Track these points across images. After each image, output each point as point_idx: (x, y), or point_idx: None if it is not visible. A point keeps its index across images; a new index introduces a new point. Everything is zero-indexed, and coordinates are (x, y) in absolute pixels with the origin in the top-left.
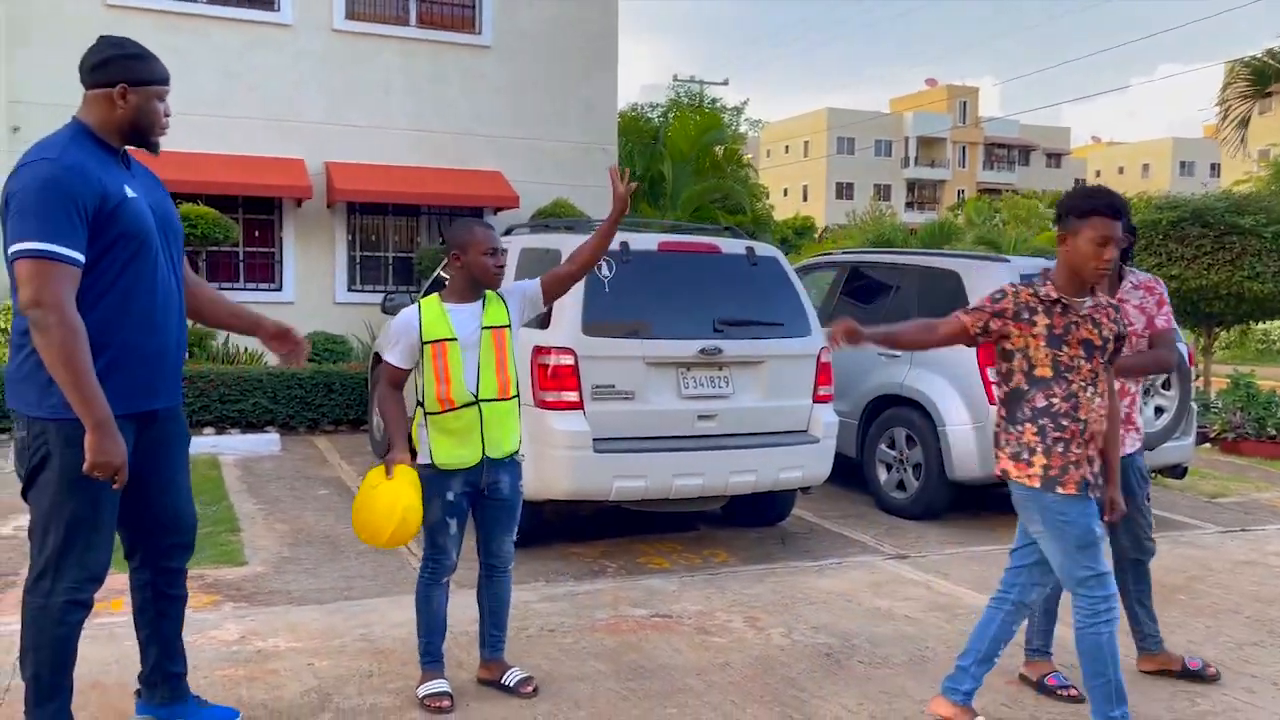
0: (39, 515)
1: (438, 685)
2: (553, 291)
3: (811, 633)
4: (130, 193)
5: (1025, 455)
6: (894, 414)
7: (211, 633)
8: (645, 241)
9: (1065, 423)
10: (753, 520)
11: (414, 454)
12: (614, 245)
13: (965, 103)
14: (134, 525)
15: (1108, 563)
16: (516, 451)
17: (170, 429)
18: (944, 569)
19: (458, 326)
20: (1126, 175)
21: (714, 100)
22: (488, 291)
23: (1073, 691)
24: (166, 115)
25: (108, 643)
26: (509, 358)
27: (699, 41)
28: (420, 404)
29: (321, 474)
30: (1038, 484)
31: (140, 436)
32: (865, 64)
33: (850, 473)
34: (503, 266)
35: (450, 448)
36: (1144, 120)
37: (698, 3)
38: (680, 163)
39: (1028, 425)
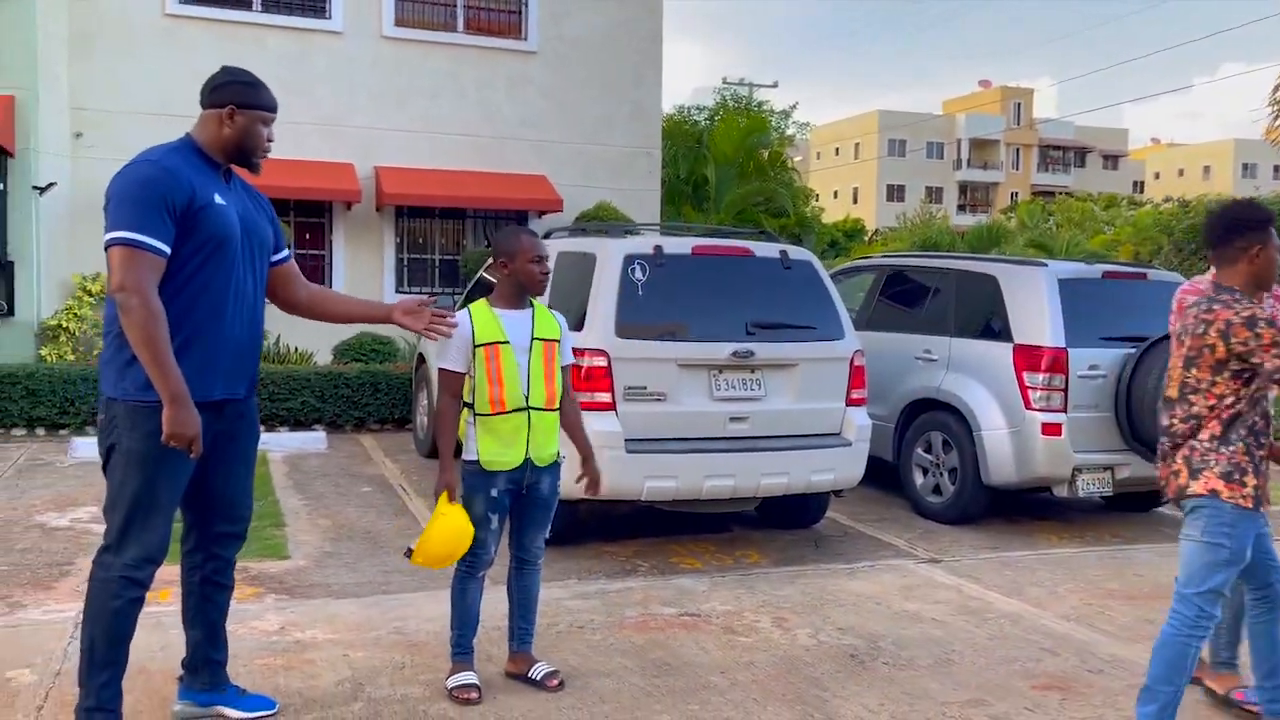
0: (110, 492)
1: (466, 677)
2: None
3: (838, 634)
4: (219, 200)
5: (1238, 475)
6: (930, 418)
7: (253, 623)
8: (679, 245)
9: (1262, 440)
10: (786, 522)
11: (458, 451)
12: (647, 249)
13: (1019, 104)
14: (193, 507)
15: None
16: (557, 455)
17: (237, 423)
18: (976, 573)
19: (510, 331)
20: (1186, 177)
21: (761, 103)
22: (535, 302)
23: (1255, 709)
24: (269, 140)
25: (154, 630)
26: (557, 371)
27: (752, 44)
28: (469, 405)
29: (366, 472)
30: (1250, 504)
31: (208, 424)
32: (918, 66)
33: (887, 476)
34: (548, 273)
35: (496, 449)
36: (1206, 121)
37: (751, 5)
38: (724, 166)
39: (1239, 445)
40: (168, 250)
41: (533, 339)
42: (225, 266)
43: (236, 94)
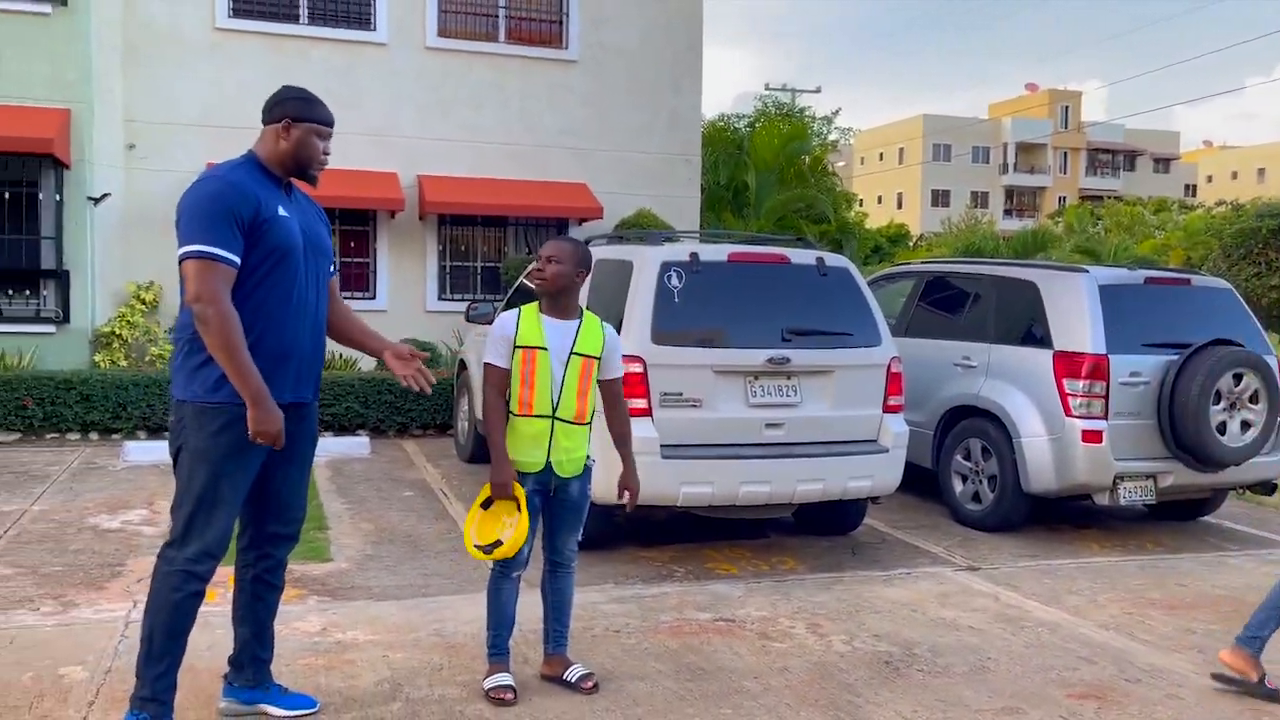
0: (177, 490)
1: (502, 678)
2: (605, 401)
3: (873, 641)
4: (283, 213)
5: None
6: (970, 425)
7: (296, 624)
8: (715, 252)
9: None
10: (824, 529)
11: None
12: (684, 256)
13: (1067, 107)
14: (250, 506)
15: None
16: (585, 461)
17: (299, 426)
18: (1015, 581)
19: (550, 339)
20: (1240, 180)
21: (804, 109)
22: (588, 315)
23: None
24: (325, 153)
25: (203, 630)
26: (592, 387)
27: (796, 49)
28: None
29: (408, 476)
30: None
31: None
32: (963, 70)
33: (926, 484)
34: (541, 273)
35: (522, 449)
36: (1261, 123)
37: (795, 11)
38: (764, 172)
39: None
40: (238, 261)
41: (571, 352)
42: (289, 276)
43: (292, 108)
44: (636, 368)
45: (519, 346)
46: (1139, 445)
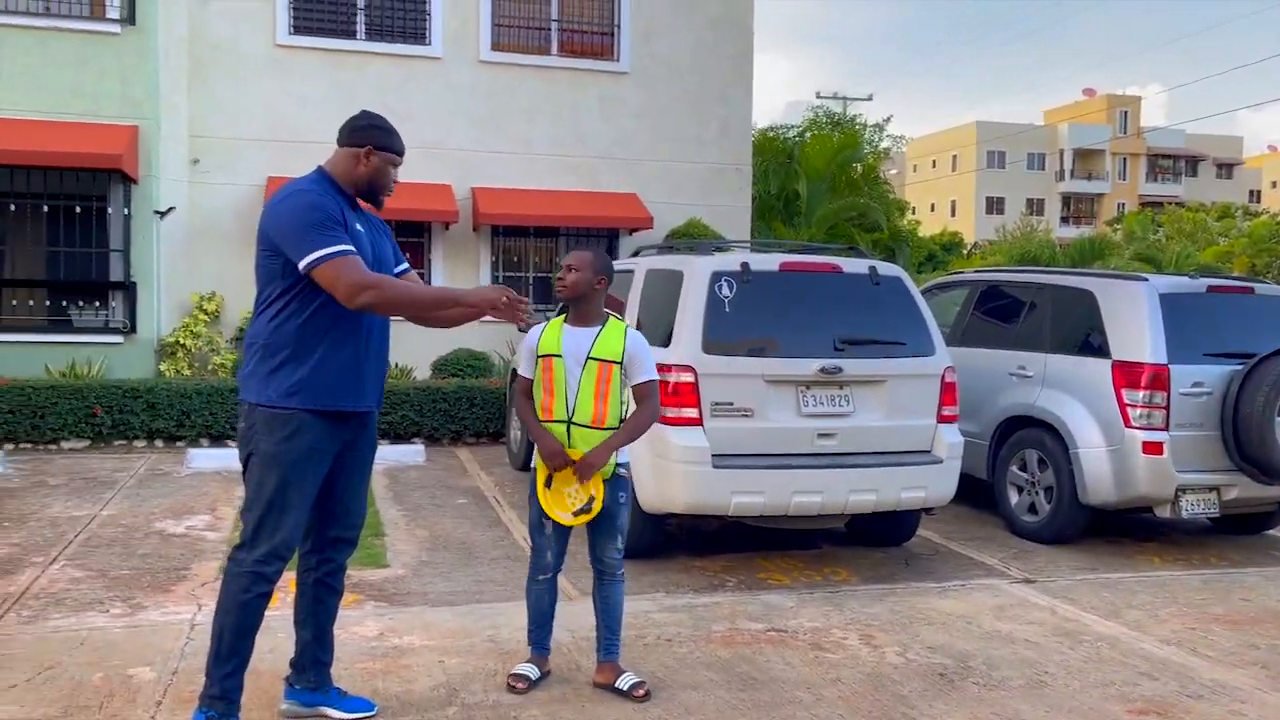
0: (247, 493)
1: (523, 668)
2: (635, 399)
3: (927, 652)
4: (357, 226)
5: None
6: (1026, 435)
7: (354, 628)
8: (766, 262)
9: None
10: (877, 540)
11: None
12: (734, 266)
13: (1126, 112)
14: (313, 509)
15: None
16: (613, 467)
17: (361, 433)
18: (1072, 594)
19: (567, 346)
20: None
21: (855, 117)
22: (613, 320)
23: None
24: (394, 181)
25: (264, 634)
26: (612, 391)
27: (847, 57)
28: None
29: (461, 484)
30: None
31: (337, 432)
32: (1017, 77)
33: (981, 495)
34: (562, 280)
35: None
36: None
37: (845, 18)
38: (816, 181)
39: None
40: (354, 249)
41: (588, 357)
42: None
43: (375, 137)
44: (688, 377)
45: (540, 355)
46: (1201, 457)
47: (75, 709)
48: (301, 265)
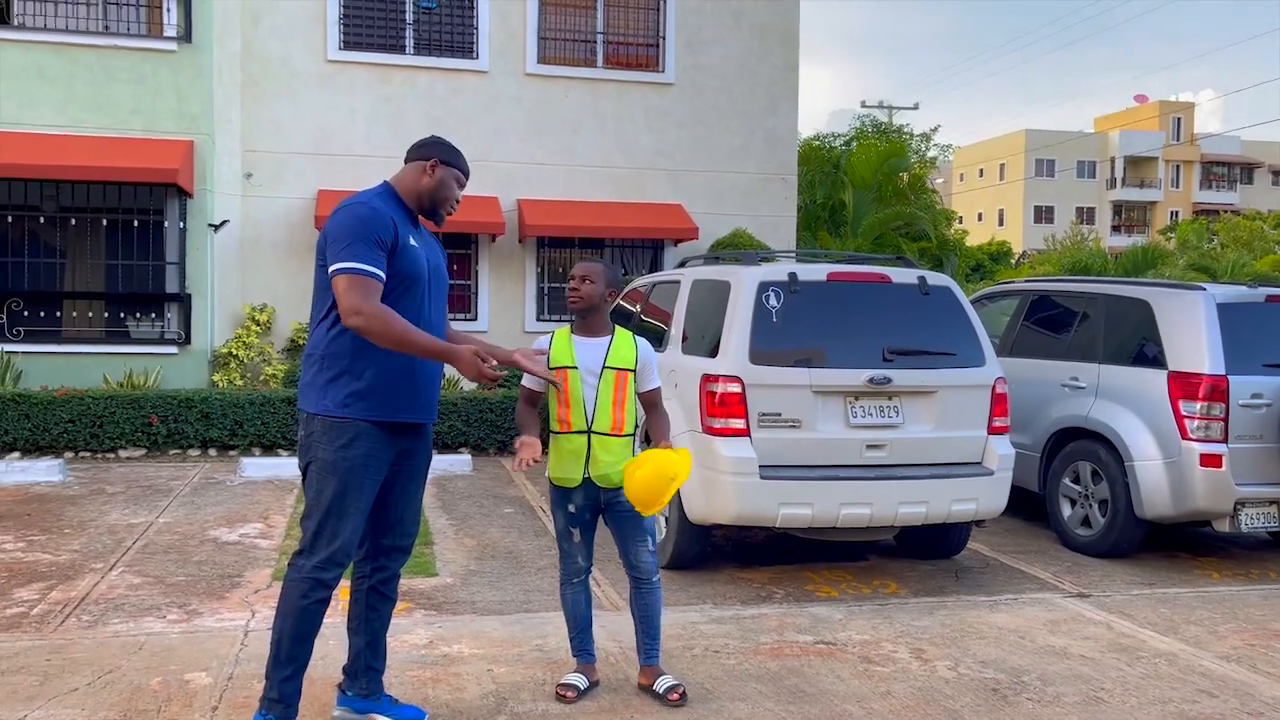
0: (307, 500)
1: (571, 677)
2: (645, 409)
3: (979, 667)
4: (413, 242)
5: None
6: (1079, 447)
7: (404, 637)
8: (814, 272)
9: None
10: (926, 552)
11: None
12: (782, 276)
13: (1179, 119)
14: (370, 516)
15: None
16: None
17: (417, 443)
18: (1129, 610)
19: (581, 358)
20: None
21: (902, 127)
22: (620, 331)
23: None
24: (457, 200)
25: (317, 641)
26: (629, 399)
27: (892, 65)
28: (547, 423)
29: (508, 494)
30: None
31: (394, 443)
32: (1065, 84)
33: (1032, 507)
34: (576, 292)
35: (562, 466)
36: None
37: (893, 27)
38: (862, 190)
39: None
40: (384, 276)
41: (604, 367)
42: (415, 301)
43: (442, 152)
44: (735, 388)
45: (552, 368)
46: (1261, 470)
47: (134, 713)
48: (329, 271)
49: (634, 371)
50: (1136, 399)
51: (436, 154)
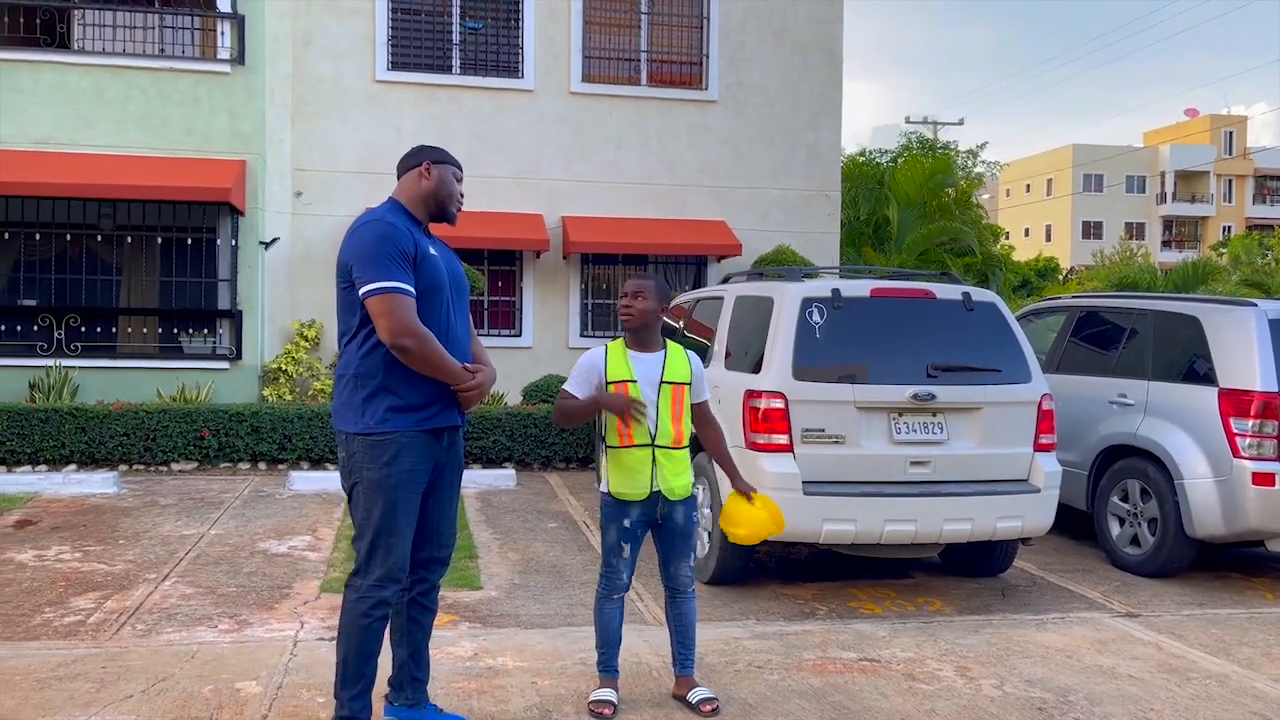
0: (357, 523)
1: (603, 694)
2: (697, 422)
3: (1025, 686)
4: (432, 251)
5: None
6: (1127, 465)
7: (449, 649)
8: (857, 288)
9: None
10: (971, 570)
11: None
12: (825, 292)
13: (1231, 132)
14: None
15: None
16: (690, 487)
17: (450, 453)
18: (1179, 630)
19: (639, 371)
20: None
21: (947, 143)
22: (671, 346)
23: None
24: (461, 195)
25: None
26: (685, 412)
27: (937, 81)
28: (603, 439)
29: (552, 508)
30: None
31: (433, 452)
32: (1112, 99)
33: (1080, 526)
34: (629, 309)
35: (624, 481)
36: None
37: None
38: (907, 206)
39: None
40: (414, 291)
41: (662, 381)
42: (439, 309)
43: (430, 154)
44: (778, 403)
45: (610, 382)
46: None
47: (187, 719)
48: (360, 292)
49: (689, 385)
50: (1186, 416)
51: (426, 156)
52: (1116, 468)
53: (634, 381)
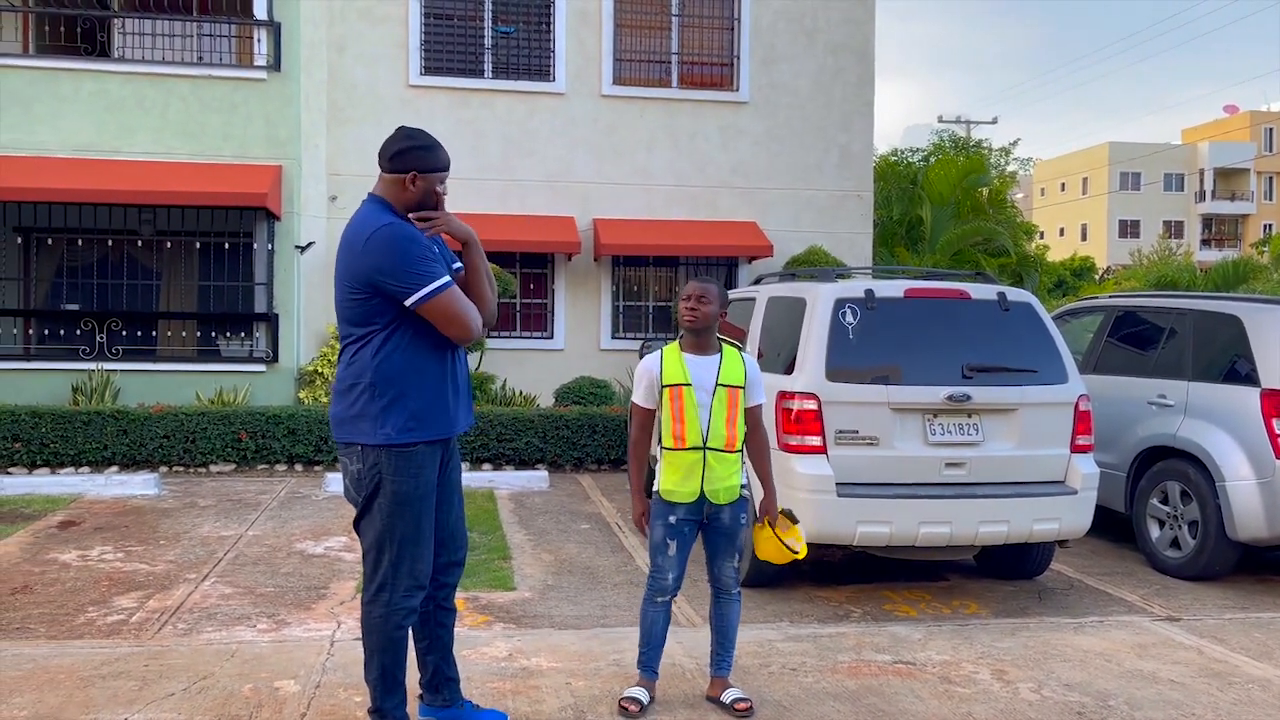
0: (374, 536)
1: (635, 691)
2: (747, 426)
3: (1063, 690)
4: (433, 247)
5: None
6: (1167, 467)
7: (484, 649)
8: (891, 288)
9: None
10: (1007, 573)
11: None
12: (858, 293)
13: (1271, 129)
14: None
15: None
16: (739, 489)
17: (453, 455)
18: (1221, 634)
19: (694, 374)
20: None
21: (980, 141)
22: (727, 348)
23: None
24: (443, 193)
25: None
26: (739, 415)
27: (970, 80)
28: (659, 439)
29: (584, 509)
30: None
31: (440, 458)
32: (1147, 96)
33: (1119, 528)
34: (693, 311)
35: (675, 481)
36: None
37: (968, 40)
38: (940, 206)
39: None
40: (453, 280)
41: (717, 384)
42: None
43: (417, 160)
44: (811, 405)
45: (666, 385)
46: None
47: (227, 717)
48: (410, 301)
49: (744, 389)
50: (1227, 417)
51: (413, 166)
52: (1156, 469)
53: (689, 384)
